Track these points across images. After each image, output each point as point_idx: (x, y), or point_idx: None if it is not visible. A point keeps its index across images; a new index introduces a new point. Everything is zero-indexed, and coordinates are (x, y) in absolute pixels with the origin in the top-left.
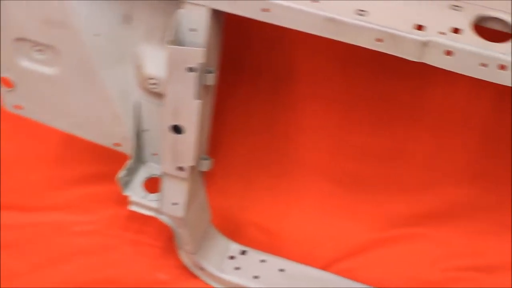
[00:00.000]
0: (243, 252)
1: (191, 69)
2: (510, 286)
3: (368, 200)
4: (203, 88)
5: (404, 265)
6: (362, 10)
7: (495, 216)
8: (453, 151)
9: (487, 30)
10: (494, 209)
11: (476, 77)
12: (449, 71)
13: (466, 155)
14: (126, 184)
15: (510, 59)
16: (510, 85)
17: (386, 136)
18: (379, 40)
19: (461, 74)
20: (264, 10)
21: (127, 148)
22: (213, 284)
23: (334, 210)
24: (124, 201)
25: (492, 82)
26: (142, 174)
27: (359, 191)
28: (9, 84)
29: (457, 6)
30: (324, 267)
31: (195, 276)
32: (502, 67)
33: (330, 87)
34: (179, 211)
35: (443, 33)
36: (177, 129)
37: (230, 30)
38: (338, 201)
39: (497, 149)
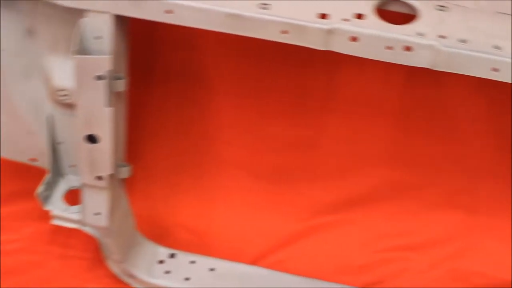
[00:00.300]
0: (172, 255)
1: (99, 77)
2: (437, 262)
3: (291, 190)
4: (114, 95)
5: (333, 252)
6: (265, 4)
7: (416, 195)
8: (370, 135)
9: (390, 13)
10: (415, 188)
11: (383, 60)
12: (359, 57)
13: (383, 138)
14: (46, 198)
15: (414, 40)
16: (416, 66)
17: (302, 125)
18: (284, 32)
19: (370, 59)
20: (168, 11)
21: (44, 162)
22: None
23: (258, 204)
24: (46, 216)
25: (401, 64)
26: (62, 187)
27: (281, 183)
28: None
29: None
30: (254, 262)
31: (126, 284)
32: (408, 48)
33: (243, 82)
34: (102, 221)
35: (347, 20)
36: (91, 139)
37: (137, 34)
38: (262, 194)
39: (412, 129)
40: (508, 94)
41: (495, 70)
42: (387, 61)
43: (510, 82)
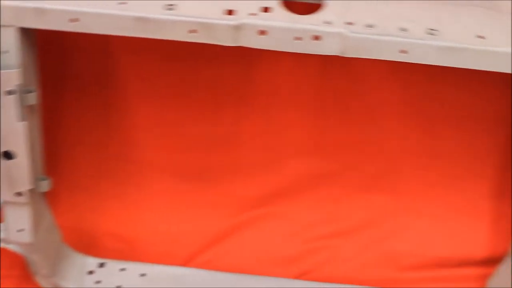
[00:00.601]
0: (102, 265)
1: (9, 92)
2: (365, 246)
3: (215, 188)
4: (26, 109)
5: (262, 246)
6: (171, 5)
7: (339, 182)
8: (288, 126)
9: (297, 4)
10: (336, 175)
11: (293, 51)
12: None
13: (301, 128)
14: None
15: (322, 29)
16: (327, 54)
17: (221, 123)
18: (192, 31)
19: (283, 51)
20: (73, 20)
21: None
22: None
23: (184, 205)
24: None
25: (314, 54)
26: None
27: (205, 182)
28: None
29: None
30: (185, 263)
31: None
32: (316, 37)
33: (158, 84)
34: (26, 237)
35: (254, 14)
36: (7, 155)
37: (46, 43)
38: (187, 195)
39: (329, 118)
40: (420, 75)
41: (404, 52)
42: (297, 51)
43: (418, 62)
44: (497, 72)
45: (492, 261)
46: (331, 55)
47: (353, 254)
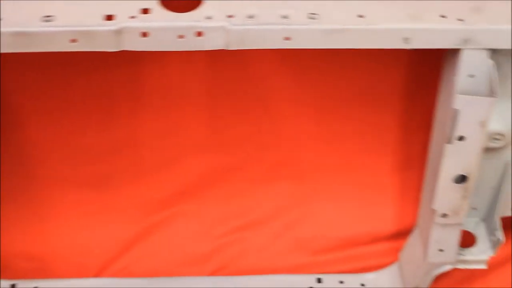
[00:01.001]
0: (13, 286)
1: None
2: (277, 235)
3: (120, 194)
4: None
5: (175, 246)
6: (48, 16)
7: (243, 174)
8: (184, 124)
9: (177, 2)
10: (239, 168)
11: (178, 50)
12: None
13: (197, 124)
14: None
15: (203, 24)
16: (212, 49)
17: (115, 127)
18: (73, 40)
19: (171, 51)
20: None
21: None
22: None
23: (91, 214)
24: None
25: (202, 51)
26: None
27: (108, 189)
28: None
29: None
30: (99, 274)
31: None
32: (199, 33)
33: (45, 95)
34: None
35: (133, 17)
36: None
37: None
38: (92, 204)
39: (225, 111)
40: (311, 59)
41: (288, 39)
42: (182, 49)
43: (303, 48)
44: (389, 50)
45: (402, 234)
46: (219, 49)
47: (265, 244)
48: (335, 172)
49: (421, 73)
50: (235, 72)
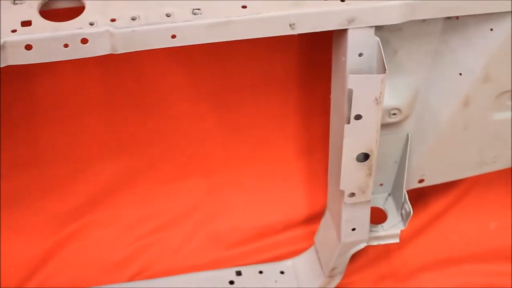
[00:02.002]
0: None
1: None
2: (192, 232)
3: (30, 210)
4: None
5: (94, 255)
6: None
7: (150, 176)
8: (87, 132)
9: (58, 11)
10: (146, 170)
11: (66, 59)
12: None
13: (100, 131)
14: None
15: (87, 31)
16: (99, 55)
17: (17, 144)
18: None
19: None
20: None
21: None
22: None
23: (4, 234)
24: None
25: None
26: None
27: (18, 206)
28: None
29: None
30: None
31: None
32: (84, 40)
33: None
34: None
35: (15, 31)
36: None
37: None
38: (3, 223)
39: (125, 117)
40: (203, 56)
41: (174, 37)
42: (69, 58)
43: (191, 44)
44: (278, 37)
45: (315, 218)
46: (110, 54)
47: (182, 243)
48: (242, 164)
49: (314, 56)
50: (130, 75)
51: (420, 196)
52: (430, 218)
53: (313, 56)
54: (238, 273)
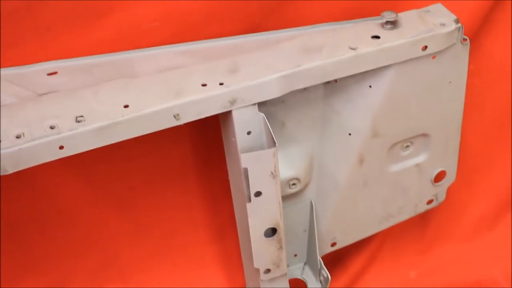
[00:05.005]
0: None
1: None
2: None
3: None
4: None
5: None
6: None
7: None
8: None
9: None
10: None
11: None
12: None
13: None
14: None
15: None
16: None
17: None
18: None
19: None
20: None
21: None
22: None
23: None
24: None
25: None
26: None
27: None
28: None
29: None
30: None
31: None
32: None
33: None
34: None
35: None
36: None
37: None
38: None
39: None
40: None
41: (62, 147)
42: None
43: (79, 152)
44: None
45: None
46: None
47: None
48: (157, 260)
49: (206, 140)
50: (26, 193)
51: (337, 258)
52: (350, 278)
53: (206, 140)
54: None
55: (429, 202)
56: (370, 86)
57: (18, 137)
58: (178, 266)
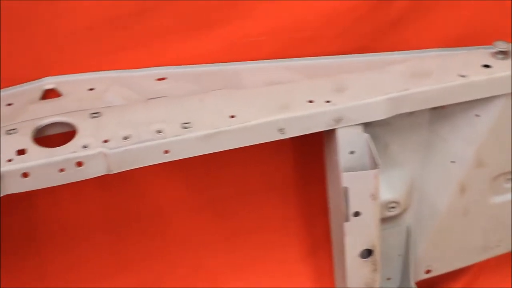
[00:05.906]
0: None
1: None
2: None
3: None
4: None
5: None
6: None
7: None
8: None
9: (51, 137)
10: (156, 285)
11: (63, 183)
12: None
13: (101, 256)
14: None
15: (81, 154)
16: (95, 176)
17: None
18: None
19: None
20: None
21: None
22: None
23: None
24: None
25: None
26: None
27: None
28: None
29: (11, 129)
30: None
31: None
32: (79, 163)
33: None
34: None
35: (10, 160)
36: None
37: None
38: None
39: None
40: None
41: (167, 152)
42: (66, 182)
43: (184, 157)
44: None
45: None
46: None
47: None
48: (247, 270)
49: (308, 156)
50: (127, 193)
51: (429, 286)
52: None
53: (307, 155)
54: None
55: None
56: (477, 115)
57: (125, 138)
58: (269, 278)
